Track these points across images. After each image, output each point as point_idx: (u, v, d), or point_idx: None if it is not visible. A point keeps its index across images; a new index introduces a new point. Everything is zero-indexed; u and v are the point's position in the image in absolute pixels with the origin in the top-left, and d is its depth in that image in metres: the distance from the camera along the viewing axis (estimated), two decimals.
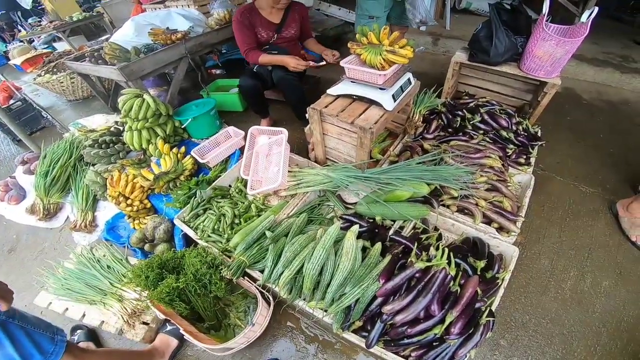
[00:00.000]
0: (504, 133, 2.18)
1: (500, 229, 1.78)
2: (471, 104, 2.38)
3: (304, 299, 1.52)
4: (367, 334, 1.40)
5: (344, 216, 1.83)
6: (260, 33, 2.63)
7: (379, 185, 1.80)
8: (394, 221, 1.80)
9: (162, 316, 1.62)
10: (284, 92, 2.69)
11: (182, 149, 2.52)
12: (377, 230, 1.74)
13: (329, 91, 2.07)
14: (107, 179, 2.28)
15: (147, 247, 2.06)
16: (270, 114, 2.90)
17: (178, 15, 3.21)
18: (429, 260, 1.41)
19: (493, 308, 1.37)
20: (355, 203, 1.89)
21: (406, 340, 1.33)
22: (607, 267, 1.84)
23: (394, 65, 1.86)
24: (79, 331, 1.78)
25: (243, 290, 1.74)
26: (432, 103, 2.34)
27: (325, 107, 1.99)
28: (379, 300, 1.39)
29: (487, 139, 2.14)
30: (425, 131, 2.22)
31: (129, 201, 2.18)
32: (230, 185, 2.22)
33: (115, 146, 2.58)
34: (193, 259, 1.61)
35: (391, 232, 1.72)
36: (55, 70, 4.32)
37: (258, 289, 1.60)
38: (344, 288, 1.45)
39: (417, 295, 1.30)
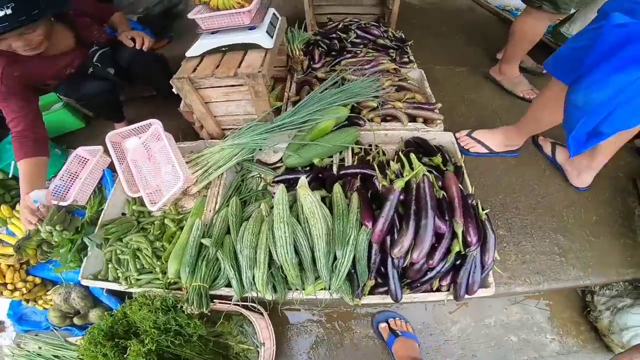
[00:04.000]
0: (380, 41, 2.19)
1: (425, 122, 1.77)
2: (340, 26, 2.30)
3: (297, 289, 1.24)
4: (386, 288, 1.21)
5: (276, 179, 1.55)
6: (47, 80, 1.77)
7: (297, 127, 1.57)
8: (332, 157, 1.60)
9: None
10: (143, 73, 2.03)
11: None
12: (321, 175, 1.52)
13: (188, 53, 1.67)
14: None
15: (77, 321, 1.61)
16: (126, 116, 2.22)
17: None
18: (396, 176, 1.26)
19: None
20: (281, 160, 1.62)
21: (430, 275, 1.18)
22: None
23: (254, 1, 1.58)
24: None
25: (225, 313, 1.36)
26: (304, 37, 2.17)
27: (193, 71, 1.61)
28: (377, 247, 1.19)
29: (370, 50, 2.10)
30: (311, 63, 2.05)
31: (9, 286, 1.60)
32: (124, 214, 1.69)
33: None
34: (140, 313, 1.21)
35: (335, 168, 1.52)
36: None
37: (240, 307, 1.29)
38: (331, 254, 1.20)
39: (418, 219, 1.09)
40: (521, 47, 1.97)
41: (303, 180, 1.33)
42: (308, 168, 1.58)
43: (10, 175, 1.91)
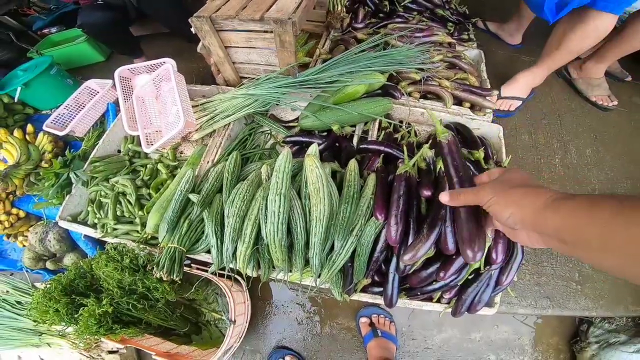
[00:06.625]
0: (439, 11, 1.89)
1: (471, 108, 1.49)
2: None
3: (282, 271, 1.06)
4: (381, 289, 1.02)
5: (288, 139, 1.34)
6: None
7: (322, 87, 1.34)
8: (354, 127, 1.37)
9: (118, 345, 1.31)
10: (155, 12, 1.94)
11: (29, 128, 1.73)
12: (337, 144, 1.29)
13: None
14: None
15: (49, 265, 1.50)
16: (146, 52, 2.12)
17: None
18: (427, 164, 1.03)
19: None
20: (297, 119, 1.41)
21: (434, 286, 0.97)
22: (581, 132, 1.77)
23: None
24: None
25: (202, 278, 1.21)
26: None
27: (216, 11, 1.41)
28: (383, 244, 0.98)
29: (425, 19, 1.81)
30: (353, 22, 1.79)
31: None
32: (119, 151, 1.56)
33: None
34: (105, 269, 1.06)
35: (355, 140, 1.29)
36: None
37: (218, 278, 1.12)
38: (329, 242, 0.99)
39: (442, 224, 0.84)
40: (631, 46, 1.59)
41: (314, 148, 1.10)
42: (325, 133, 1.36)
43: (15, 100, 1.84)
